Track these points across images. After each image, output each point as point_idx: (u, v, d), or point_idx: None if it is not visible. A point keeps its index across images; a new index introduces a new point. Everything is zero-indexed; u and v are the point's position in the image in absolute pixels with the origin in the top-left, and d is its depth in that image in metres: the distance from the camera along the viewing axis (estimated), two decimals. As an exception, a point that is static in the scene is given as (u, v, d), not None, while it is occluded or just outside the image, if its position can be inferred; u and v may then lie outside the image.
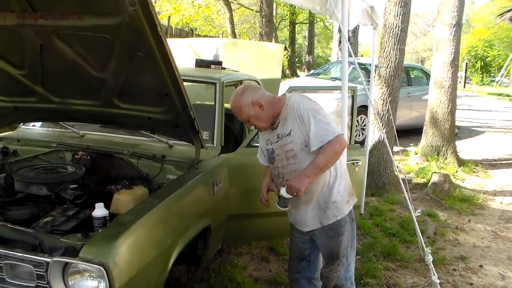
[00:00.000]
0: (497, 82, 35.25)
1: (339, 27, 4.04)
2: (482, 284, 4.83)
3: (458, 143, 10.57)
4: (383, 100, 7.45)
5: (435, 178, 7.91)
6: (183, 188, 3.12)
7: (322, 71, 14.27)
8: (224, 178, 3.72)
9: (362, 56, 24.96)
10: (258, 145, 3.84)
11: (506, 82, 35.51)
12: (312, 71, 17.25)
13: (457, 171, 9.33)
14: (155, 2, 18.41)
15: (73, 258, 2.31)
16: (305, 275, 3.47)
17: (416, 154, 10.31)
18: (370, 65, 7.11)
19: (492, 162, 10.60)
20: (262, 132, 3.29)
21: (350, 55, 4.01)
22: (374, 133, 7.58)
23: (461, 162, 9.82)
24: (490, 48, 38.06)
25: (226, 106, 4.46)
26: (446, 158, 9.71)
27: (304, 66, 33.94)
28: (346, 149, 3.33)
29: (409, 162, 9.87)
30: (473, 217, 6.91)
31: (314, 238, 3.30)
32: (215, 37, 24.97)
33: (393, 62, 7.51)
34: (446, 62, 9.58)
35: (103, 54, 2.81)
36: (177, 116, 3.15)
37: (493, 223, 6.71)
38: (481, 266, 5.23)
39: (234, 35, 22.16)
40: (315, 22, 34.46)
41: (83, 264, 2.29)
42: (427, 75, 12.40)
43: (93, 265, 2.26)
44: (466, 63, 34.15)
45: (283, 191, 3.16)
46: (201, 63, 5.19)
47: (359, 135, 10.25)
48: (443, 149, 9.78)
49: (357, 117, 9.69)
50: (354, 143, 4.68)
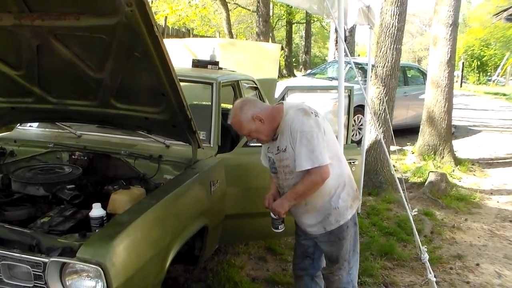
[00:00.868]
0: (493, 81, 35.32)
1: (336, 27, 4.05)
2: (478, 282, 4.84)
3: (455, 142, 10.59)
4: (380, 99, 7.46)
5: (432, 177, 7.93)
6: (180, 188, 3.13)
7: (319, 71, 14.28)
8: (221, 178, 3.72)
9: (359, 55, 25.01)
10: (257, 145, 3.85)
11: (503, 81, 35.59)
12: (309, 71, 17.27)
13: (454, 170, 9.35)
14: (152, 2, 18.40)
15: (70, 258, 2.32)
16: (309, 273, 3.48)
17: (413, 153, 10.33)
18: (367, 64, 7.12)
19: (488, 161, 10.62)
20: None
21: (346, 55, 4.01)
22: (371, 132, 7.59)
23: (458, 161, 9.85)
24: (486, 47, 38.11)
25: (223, 106, 4.47)
26: (443, 157, 9.74)
27: (301, 66, 33.98)
28: (343, 149, 3.33)
29: (406, 161, 9.90)
30: (469, 216, 6.92)
31: (316, 240, 3.30)
32: (212, 37, 24.99)
33: (389, 61, 7.52)
34: (442, 62, 9.60)
35: (100, 55, 2.82)
36: (174, 116, 3.15)
37: (489, 222, 6.73)
38: (477, 264, 5.25)
39: (231, 35, 22.17)
40: (312, 22, 34.46)
41: (81, 264, 2.29)
42: (424, 75, 12.42)
43: (90, 265, 2.27)
44: (463, 62, 34.21)
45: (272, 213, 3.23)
46: (198, 63, 5.19)
47: (356, 135, 10.26)
48: (440, 148, 9.81)
49: (354, 116, 9.74)
50: (351, 143, 4.68)
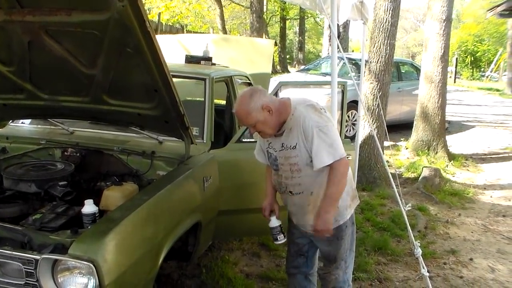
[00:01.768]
0: (487, 77, 35.45)
1: (329, 23, 4.04)
2: (472, 277, 4.86)
3: (448, 138, 10.61)
4: (373, 95, 7.46)
5: (426, 173, 7.96)
6: (173, 184, 3.11)
7: (312, 67, 14.27)
8: (214, 174, 3.71)
9: (353, 51, 25.02)
10: (250, 140, 3.84)
11: (496, 76, 35.72)
12: (302, 67, 17.26)
13: (447, 166, 9.38)
14: (146, -2, 18.36)
15: (62, 255, 2.31)
16: (302, 271, 3.45)
17: (406, 148, 10.36)
18: (361, 60, 7.12)
19: (482, 156, 10.67)
20: None
21: (339, 51, 4.00)
22: (365, 128, 7.59)
23: (451, 157, 9.88)
24: (480, 43, 38.24)
25: (216, 101, 4.46)
26: (437, 153, 9.76)
27: (295, 62, 33.97)
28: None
29: (400, 157, 9.91)
30: (463, 211, 6.95)
31: (312, 239, 3.26)
32: (206, 33, 24.93)
33: (383, 57, 7.52)
34: (436, 57, 9.62)
35: (92, 50, 2.80)
36: (166, 112, 3.14)
37: (483, 217, 6.75)
38: (471, 259, 5.27)
39: (224, 31, 22.14)
40: (306, 18, 34.44)
41: (73, 261, 2.28)
42: (418, 70, 12.44)
43: (82, 261, 2.26)
44: (457, 58, 34.31)
45: (272, 222, 3.25)
46: (191, 59, 5.17)
47: (350, 130, 10.26)
48: (434, 143, 9.84)
49: (348, 112, 9.74)
50: (345, 138, 4.68)
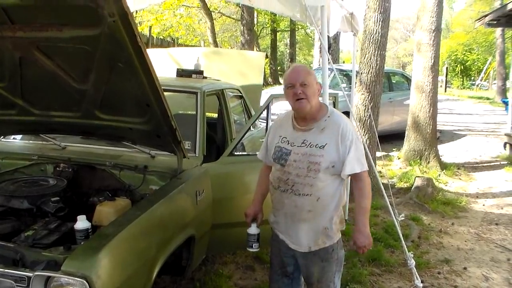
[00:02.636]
0: (477, 85, 35.72)
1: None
2: (466, 286, 4.86)
3: (440, 147, 10.67)
4: (365, 106, 7.49)
5: (418, 182, 7.97)
6: (166, 198, 3.11)
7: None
8: (207, 188, 3.71)
9: (344, 62, 25.11)
10: (243, 153, 3.85)
11: (486, 85, 36.01)
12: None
13: (439, 175, 9.40)
14: (137, 12, 18.39)
15: (55, 272, 2.29)
16: None
17: (399, 158, 10.39)
18: (352, 71, 7.15)
19: (474, 165, 10.71)
20: (278, 126, 3.17)
21: (330, 63, 4.02)
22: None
23: (443, 166, 9.91)
24: (469, 52, 38.54)
25: (208, 115, 4.46)
26: (429, 162, 9.80)
27: (286, 74, 34.03)
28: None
29: (392, 167, 9.94)
30: (456, 220, 6.96)
31: (296, 256, 3.15)
32: (197, 46, 24.99)
33: (374, 68, 7.56)
34: (426, 67, 9.68)
35: (83, 66, 2.80)
36: (158, 126, 3.14)
37: (476, 225, 6.77)
38: (465, 268, 5.27)
39: (215, 44, 22.19)
40: (297, 29, 34.61)
41: (66, 277, 2.26)
42: (408, 80, 12.52)
43: (75, 278, 2.24)
44: (447, 67, 34.56)
45: (251, 229, 3.26)
46: (182, 73, 5.18)
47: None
48: (426, 153, 9.87)
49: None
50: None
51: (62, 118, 3.38)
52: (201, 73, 5.15)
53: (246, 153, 4.43)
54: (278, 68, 34.54)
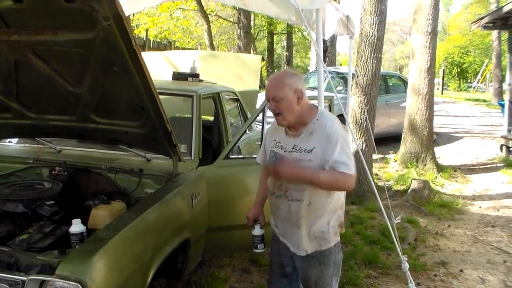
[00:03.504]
0: (473, 88, 35.75)
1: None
2: (462, 288, 4.88)
3: (437, 149, 10.67)
4: (361, 108, 7.49)
5: (415, 185, 7.97)
6: (161, 202, 3.11)
7: (301, 81, 14.30)
8: (202, 191, 3.71)
9: (341, 65, 25.16)
10: (238, 156, 3.85)
11: (483, 87, 36.05)
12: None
13: (436, 177, 9.41)
14: (133, 15, 18.40)
15: (49, 275, 2.29)
16: None
17: (395, 161, 10.39)
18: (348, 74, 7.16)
19: (470, 167, 10.72)
20: (273, 131, 3.13)
21: (324, 66, 4.02)
22: (353, 141, 7.61)
23: (440, 168, 9.92)
24: (466, 54, 38.58)
25: (204, 118, 4.47)
26: (425, 165, 9.80)
27: (283, 76, 34.02)
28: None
29: (389, 170, 9.95)
30: (452, 222, 6.97)
31: (294, 258, 3.15)
32: (194, 49, 25.00)
33: (370, 70, 7.56)
34: (422, 70, 9.69)
35: (79, 69, 2.81)
36: (154, 129, 3.14)
37: (472, 228, 6.78)
38: (461, 270, 5.27)
39: (212, 47, 22.18)
40: (293, 32, 34.58)
41: (60, 281, 2.26)
42: (405, 83, 12.52)
43: (70, 282, 2.24)
44: (443, 70, 34.60)
45: (255, 230, 3.26)
46: (178, 76, 5.18)
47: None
48: (422, 155, 9.87)
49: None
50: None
51: (58, 122, 3.39)
52: (197, 76, 5.15)
53: (242, 156, 4.43)
54: (275, 70, 34.53)
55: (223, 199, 3.92)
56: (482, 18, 12.76)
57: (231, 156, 4.05)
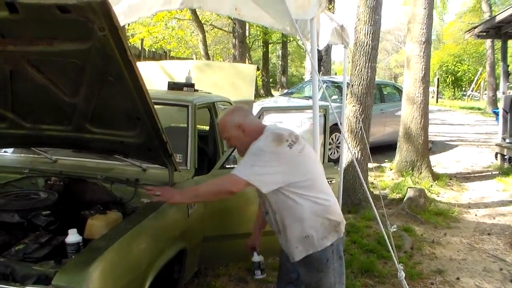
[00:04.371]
0: (468, 96, 35.91)
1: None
2: (459, 297, 4.88)
3: (432, 158, 10.71)
4: (356, 117, 7.51)
5: (411, 193, 7.99)
6: (157, 211, 3.11)
7: (296, 90, 14.38)
8: (198, 200, 3.70)
9: (336, 74, 25.22)
10: (233, 166, 3.85)
11: (477, 96, 36.21)
12: (286, 91, 17.38)
13: (432, 185, 9.43)
14: (128, 25, 18.44)
15: (45, 286, 2.28)
16: None
17: (391, 169, 10.41)
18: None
19: (466, 175, 10.75)
20: None
21: (318, 76, 4.03)
22: (348, 150, 7.62)
23: (435, 176, 9.94)
24: (460, 63, 38.76)
25: (199, 128, 4.47)
26: (421, 173, 9.82)
27: (278, 86, 34.16)
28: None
29: (384, 178, 9.96)
30: (448, 230, 6.98)
31: (295, 265, 3.20)
32: (189, 58, 25.05)
33: (365, 79, 7.60)
34: (417, 78, 9.74)
35: (74, 79, 2.81)
36: (149, 139, 3.15)
37: (468, 236, 6.79)
38: (458, 278, 5.28)
39: (207, 56, 22.25)
40: (289, 41, 34.79)
41: None
42: (400, 91, 12.57)
43: (66, 292, 2.23)
44: (438, 78, 34.73)
45: (253, 257, 3.38)
46: (173, 86, 5.19)
47: (334, 153, 10.30)
48: (418, 164, 9.90)
49: (332, 134, 9.79)
50: (328, 161, 4.71)
51: (53, 132, 3.38)
52: (192, 86, 5.16)
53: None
54: (271, 80, 34.63)
55: (219, 209, 3.91)
56: (476, 27, 12.87)
57: (227, 165, 4.06)
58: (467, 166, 11.79)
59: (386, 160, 11.29)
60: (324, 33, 4.70)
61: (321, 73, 4.60)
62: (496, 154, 11.81)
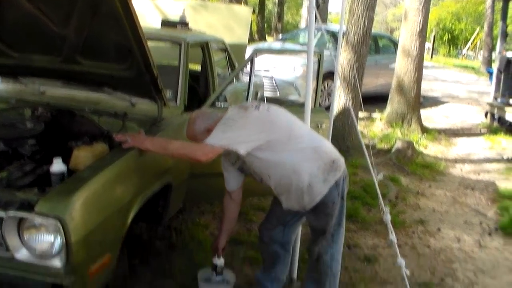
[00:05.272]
0: (463, 55, 35.74)
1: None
2: (438, 246, 4.97)
3: (423, 112, 10.73)
4: (350, 66, 7.47)
5: (399, 144, 8.03)
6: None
7: (290, 37, 14.22)
8: (186, 137, 3.68)
9: (331, 22, 24.90)
10: (223, 106, 3.83)
11: (472, 55, 36.07)
12: (280, 36, 17.17)
13: (420, 139, 9.49)
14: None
15: (28, 212, 2.28)
16: (277, 240, 3.42)
17: (381, 120, 10.43)
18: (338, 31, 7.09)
19: (455, 131, 10.83)
20: None
21: (317, 20, 3.94)
22: (340, 98, 7.60)
23: (424, 130, 10.02)
24: (457, 21, 38.40)
25: (191, 67, 4.42)
26: (410, 125, 9.88)
27: (273, 32, 33.73)
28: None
29: (374, 128, 10.00)
30: (434, 183, 7.07)
31: (300, 213, 3.27)
32: (185, -1, 24.57)
33: (361, 28, 7.52)
34: (414, 32, 9.68)
35: (65, 10, 2.75)
36: (140, 73, 3.10)
37: (452, 189, 6.88)
38: (439, 229, 5.38)
39: (204, -2, 21.85)
40: (286, -12, 34.16)
41: (39, 218, 2.27)
42: (395, 45, 12.49)
43: (49, 219, 2.24)
44: (434, 35, 34.45)
45: (215, 259, 3.38)
46: (167, 23, 5.09)
47: (325, 101, 10.25)
48: (408, 116, 9.95)
49: (323, 82, 9.73)
50: (319, 107, 4.70)
51: (43, 62, 3.34)
52: (186, 24, 5.06)
53: (228, 105, 4.40)
54: (266, 26, 34.18)
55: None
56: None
57: (217, 104, 4.03)
58: (457, 122, 11.86)
59: (376, 110, 11.28)
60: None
61: (317, 20, 4.50)
62: (486, 112, 11.86)
